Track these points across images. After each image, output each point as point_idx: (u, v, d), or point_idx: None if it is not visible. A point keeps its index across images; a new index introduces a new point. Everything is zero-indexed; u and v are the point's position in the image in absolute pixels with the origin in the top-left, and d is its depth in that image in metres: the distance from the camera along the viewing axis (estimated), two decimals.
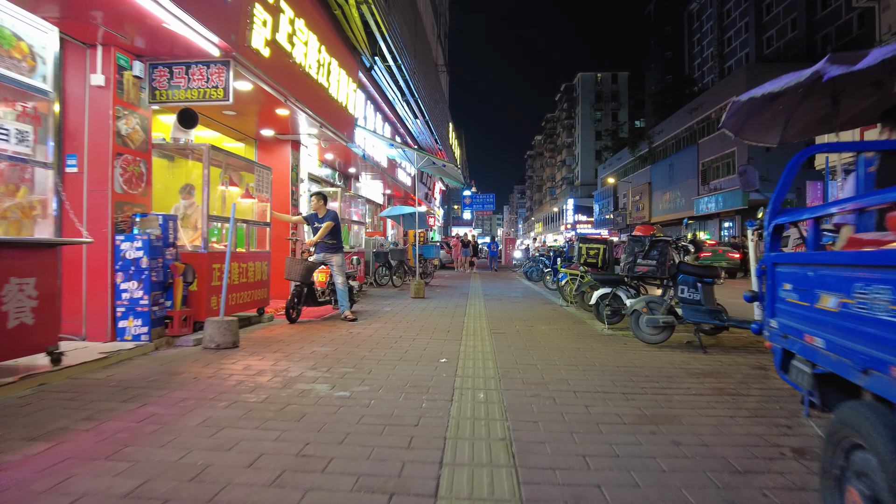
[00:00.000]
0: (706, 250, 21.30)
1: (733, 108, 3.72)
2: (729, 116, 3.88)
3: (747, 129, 4.13)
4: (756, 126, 4.09)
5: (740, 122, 3.99)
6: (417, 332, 6.13)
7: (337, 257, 7.22)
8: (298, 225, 7.99)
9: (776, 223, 2.57)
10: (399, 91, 12.00)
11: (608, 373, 4.28)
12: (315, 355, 4.81)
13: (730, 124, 4.04)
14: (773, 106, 3.61)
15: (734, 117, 3.87)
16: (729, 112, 3.81)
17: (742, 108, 3.64)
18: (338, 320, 7.06)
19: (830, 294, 1.92)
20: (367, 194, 15.67)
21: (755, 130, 4.19)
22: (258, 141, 9.07)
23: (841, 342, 1.79)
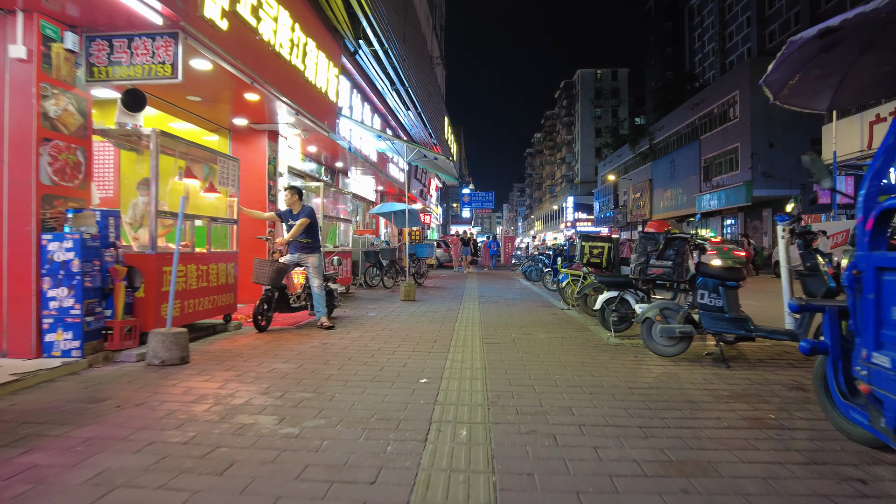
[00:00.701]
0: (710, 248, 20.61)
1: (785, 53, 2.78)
2: (775, 67, 2.94)
3: (792, 90, 3.25)
4: (803, 85, 3.18)
5: (785, 79, 3.07)
6: (400, 343, 5.42)
7: (313, 258, 6.50)
8: (277, 223, 7.29)
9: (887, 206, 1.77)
10: (388, 80, 11.27)
11: (620, 397, 3.57)
12: (273, 374, 4.10)
13: (772, 80, 3.09)
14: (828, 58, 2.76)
15: (781, 69, 2.97)
16: (777, 61, 2.89)
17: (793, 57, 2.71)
18: (313, 328, 6.35)
19: None
20: (357, 190, 14.95)
21: (801, 91, 3.31)
22: (232, 132, 8.34)
23: None
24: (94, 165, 5.38)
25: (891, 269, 1.75)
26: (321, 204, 8.98)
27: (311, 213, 6.51)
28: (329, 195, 9.57)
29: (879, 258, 1.78)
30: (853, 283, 1.99)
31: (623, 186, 51.16)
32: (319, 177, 11.60)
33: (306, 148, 9.99)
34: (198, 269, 5.53)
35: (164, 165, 7.03)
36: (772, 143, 30.17)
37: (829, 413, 2.78)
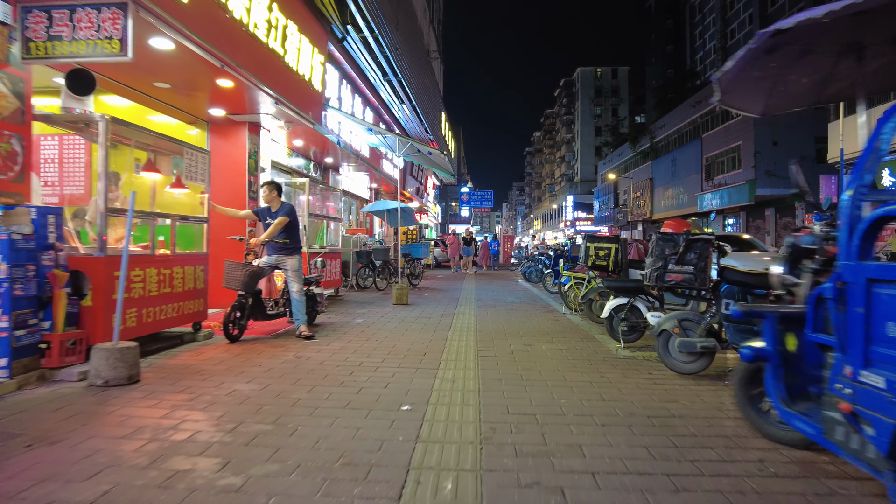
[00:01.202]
0: None
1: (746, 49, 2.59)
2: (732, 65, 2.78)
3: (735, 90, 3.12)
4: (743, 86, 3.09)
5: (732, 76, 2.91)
6: (385, 357, 4.84)
7: (292, 260, 5.91)
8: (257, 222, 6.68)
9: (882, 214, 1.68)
10: (380, 70, 10.68)
11: (638, 429, 2.99)
12: (232, 398, 3.51)
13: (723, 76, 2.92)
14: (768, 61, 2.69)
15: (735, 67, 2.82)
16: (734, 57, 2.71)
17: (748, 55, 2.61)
18: (291, 337, 5.76)
19: None
20: (349, 188, 14.35)
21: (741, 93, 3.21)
22: (210, 124, 7.75)
23: None
24: (37, 156, 4.80)
25: (886, 282, 1.62)
26: (306, 201, 8.39)
27: (290, 211, 5.93)
28: (316, 192, 8.99)
29: (873, 269, 1.66)
30: (836, 294, 1.89)
31: (623, 185, 50.62)
32: (308, 173, 11.01)
33: (292, 142, 9.40)
34: (159, 272, 4.94)
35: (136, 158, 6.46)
36: (775, 141, 29.63)
37: (750, 416, 2.91)
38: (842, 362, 1.86)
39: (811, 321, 2.24)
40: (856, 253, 1.82)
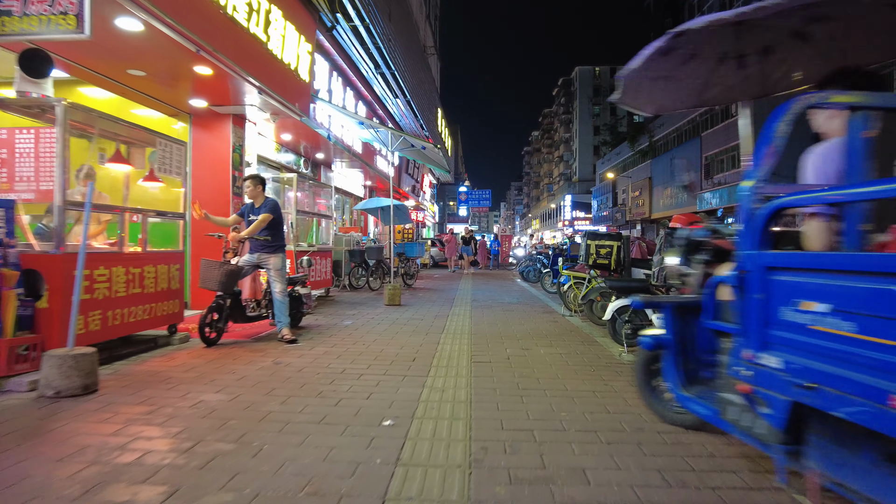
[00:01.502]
0: None
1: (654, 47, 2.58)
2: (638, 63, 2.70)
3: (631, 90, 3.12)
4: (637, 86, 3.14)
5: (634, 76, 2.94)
6: (371, 363, 4.48)
7: (275, 258, 5.56)
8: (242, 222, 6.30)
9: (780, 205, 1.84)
10: (372, 62, 10.31)
11: (648, 448, 2.64)
12: (196, 411, 3.16)
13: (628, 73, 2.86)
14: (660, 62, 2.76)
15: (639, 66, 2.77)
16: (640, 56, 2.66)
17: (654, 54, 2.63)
18: (272, 341, 5.40)
19: None
20: (342, 185, 13.99)
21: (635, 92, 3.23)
22: (193, 116, 7.39)
23: None
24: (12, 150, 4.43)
25: (782, 269, 1.76)
26: (294, 198, 8.03)
27: (274, 206, 5.57)
28: (305, 188, 8.62)
29: (771, 258, 1.81)
30: (738, 282, 1.98)
31: (622, 185, 50.36)
32: (298, 169, 10.64)
33: (280, 136, 9.03)
34: (128, 272, 4.58)
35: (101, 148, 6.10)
36: None
37: (649, 401, 3.11)
38: (741, 346, 1.95)
39: (708, 309, 2.35)
40: (755, 243, 1.91)
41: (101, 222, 5.53)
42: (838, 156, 2.01)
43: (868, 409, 1.38)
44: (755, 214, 1.93)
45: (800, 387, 1.64)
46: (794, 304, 1.71)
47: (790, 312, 1.73)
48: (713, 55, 3.00)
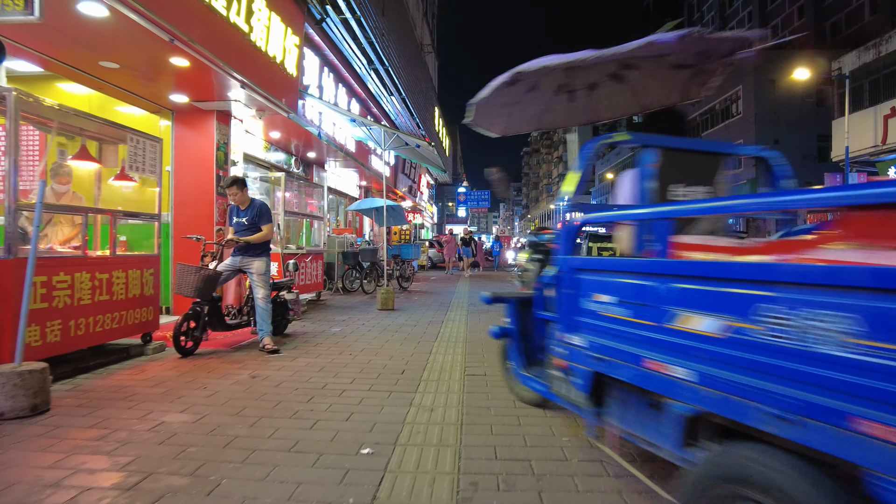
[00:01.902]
0: None
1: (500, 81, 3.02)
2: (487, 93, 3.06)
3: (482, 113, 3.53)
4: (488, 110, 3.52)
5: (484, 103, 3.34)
6: (356, 376, 4.14)
7: (258, 263, 5.22)
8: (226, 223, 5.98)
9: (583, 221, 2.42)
10: (365, 57, 9.97)
11: (664, 483, 2.30)
12: (153, 436, 2.82)
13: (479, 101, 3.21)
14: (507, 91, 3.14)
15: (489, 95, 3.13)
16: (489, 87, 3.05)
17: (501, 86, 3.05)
18: (253, 350, 5.06)
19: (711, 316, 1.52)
20: (335, 185, 13.64)
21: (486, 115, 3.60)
22: (175, 113, 7.05)
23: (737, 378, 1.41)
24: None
25: (585, 270, 2.20)
26: (282, 198, 7.68)
27: (266, 211, 5.26)
28: (294, 188, 8.27)
29: (576, 262, 2.27)
30: (553, 280, 2.44)
31: None
32: (290, 168, 10.30)
33: (269, 134, 8.68)
34: (94, 277, 4.23)
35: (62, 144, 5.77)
36: (777, 139, 29.07)
37: (510, 383, 3.56)
38: (558, 330, 2.35)
39: (539, 302, 2.79)
40: (567, 249, 2.34)
41: (75, 225, 5.21)
42: (630, 182, 2.53)
43: (634, 371, 1.84)
44: (568, 227, 2.38)
45: (596, 359, 2.09)
46: (591, 296, 2.14)
47: (588, 302, 2.17)
48: (550, 87, 3.47)
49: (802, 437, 1.24)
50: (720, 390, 1.47)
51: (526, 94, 3.46)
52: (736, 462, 1.37)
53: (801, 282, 1.27)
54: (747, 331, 1.41)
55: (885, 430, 1.07)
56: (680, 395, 1.62)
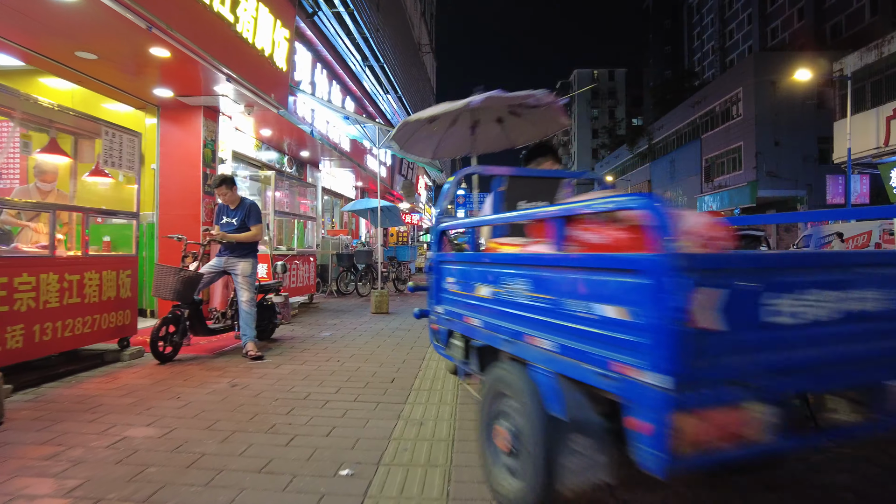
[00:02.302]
0: None
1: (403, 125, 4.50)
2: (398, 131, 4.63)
3: (411, 144, 4.91)
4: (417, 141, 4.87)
5: (406, 137, 4.76)
6: (342, 385, 3.87)
7: (244, 264, 4.96)
8: None
9: (442, 229, 3.18)
10: (359, 53, 9.72)
11: None
12: (112, 453, 2.54)
13: (398, 136, 4.72)
14: (430, 127, 4.47)
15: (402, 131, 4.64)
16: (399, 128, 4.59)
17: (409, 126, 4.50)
18: (236, 356, 4.79)
19: (484, 285, 2.38)
20: (330, 185, 13.37)
21: (416, 144, 4.97)
22: (160, 108, 6.79)
23: (493, 321, 2.26)
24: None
25: (445, 262, 2.97)
26: (272, 197, 7.42)
27: (256, 211, 5.01)
28: (285, 187, 8.00)
29: (440, 256, 3.06)
30: (428, 270, 3.26)
31: (621, 188, 49.92)
32: (282, 168, 10.03)
33: (260, 132, 8.42)
34: (62, 279, 3.96)
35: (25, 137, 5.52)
36: (777, 141, 28.87)
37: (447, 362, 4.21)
38: (433, 303, 3.12)
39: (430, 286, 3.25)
40: (435, 247, 3.17)
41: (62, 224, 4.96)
42: (489, 200, 3.31)
43: (461, 325, 2.62)
44: (436, 231, 3.20)
45: (447, 320, 2.82)
46: (445, 278, 2.92)
47: (444, 283, 2.94)
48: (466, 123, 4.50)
49: (514, 350, 2.05)
50: (489, 329, 2.29)
51: (449, 129, 4.71)
52: (497, 372, 2.16)
53: (514, 263, 2.14)
54: (497, 293, 2.24)
55: (536, 340, 1.89)
56: (476, 336, 2.49)
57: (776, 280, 1.50)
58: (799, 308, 1.52)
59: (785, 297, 1.51)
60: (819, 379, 1.57)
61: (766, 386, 1.46)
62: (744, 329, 1.45)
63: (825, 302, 1.55)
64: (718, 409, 1.41)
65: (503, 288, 2.16)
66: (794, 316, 1.51)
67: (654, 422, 1.36)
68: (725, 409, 1.42)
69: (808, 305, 1.53)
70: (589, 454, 1.66)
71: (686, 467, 1.39)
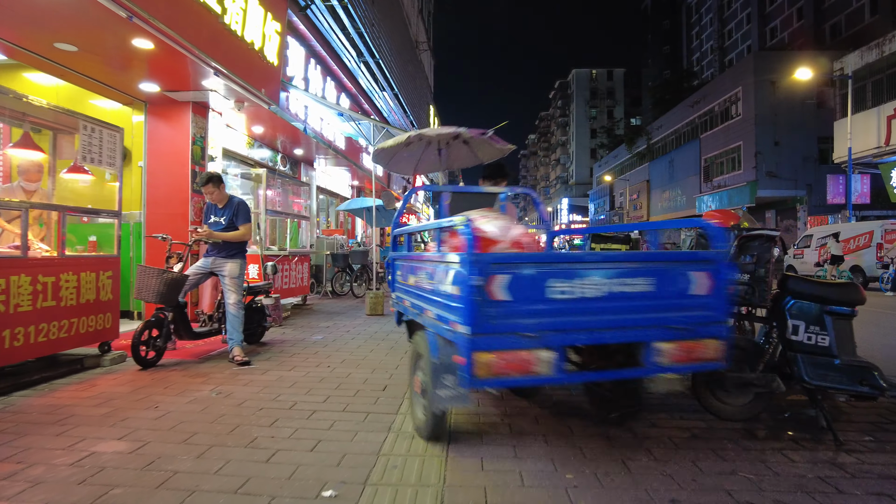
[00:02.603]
0: None
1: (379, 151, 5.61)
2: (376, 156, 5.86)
3: (393, 164, 6.04)
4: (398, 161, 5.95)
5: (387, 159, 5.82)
6: (331, 393, 3.67)
7: (231, 265, 4.76)
8: None
9: (397, 233, 3.88)
10: (354, 49, 9.51)
11: None
12: (76, 472, 2.34)
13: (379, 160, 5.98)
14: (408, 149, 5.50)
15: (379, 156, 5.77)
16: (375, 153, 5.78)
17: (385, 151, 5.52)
18: (223, 362, 4.58)
19: (412, 275, 3.10)
20: (326, 185, 13.17)
21: (398, 164, 6.05)
22: (148, 104, 6.58)
23: (413, 301, 3.01)
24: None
25: (396, 258, 3.67)
26: (263, 196, 7.21)
27: (245, 210, 4.81)
28: (277, 185, 7.79)
29: (394, 255, 3.75)
30: (388, 265, 3.97)
31: (619, 187, 49.74)
32: (275, 166, 9.82)
33: (251, 129, 8.21)
34: (35, 281, 3.75)
35: None
36: (777, 141, 28.70)
37: None
38: (391, 290, 3.77)
39: None
40: (393, 247, 3.96)
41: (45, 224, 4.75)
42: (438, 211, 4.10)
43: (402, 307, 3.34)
44: (392, 236, 3.99)
45: (398, 304, 3.47)
46: (397, 272, 3.62)
47: (397, 275, 3.61)
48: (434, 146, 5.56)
49: (420, 321, 2.77)
50: (414, 308, 2.93)
51: (423, 151, 5.65)
52: (415, 338, 2.91)
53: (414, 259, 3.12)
54: (418, 281, 2.89)
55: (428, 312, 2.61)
56: (406, 313, 3.19)
57: (546, 270, 2.22)
58: (566, 288, 2.23)
59: (554, 281, 2.22)
60: (589, 336, 2.27)
61: (544, 338, 2.17)
62: (525, 301, 2.18)
63: (587, 285, 2.25)
64: (508, 351, 2.15)
65: (416, 277, 2.99)
66: (563, 293, 2.23)
67: (465, 356, 2.13)
68: (513, 351, 2.15)
69: (573, 287, 2.24)
70: (453, 387, 2.31)
71: (486, 386, 2.19)
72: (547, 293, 2.20)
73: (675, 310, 2.34)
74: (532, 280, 2.18)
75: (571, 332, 2.22)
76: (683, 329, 2.33)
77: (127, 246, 6.56)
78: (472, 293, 2.08)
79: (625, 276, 2.28)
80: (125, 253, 6.42)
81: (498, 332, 2.12)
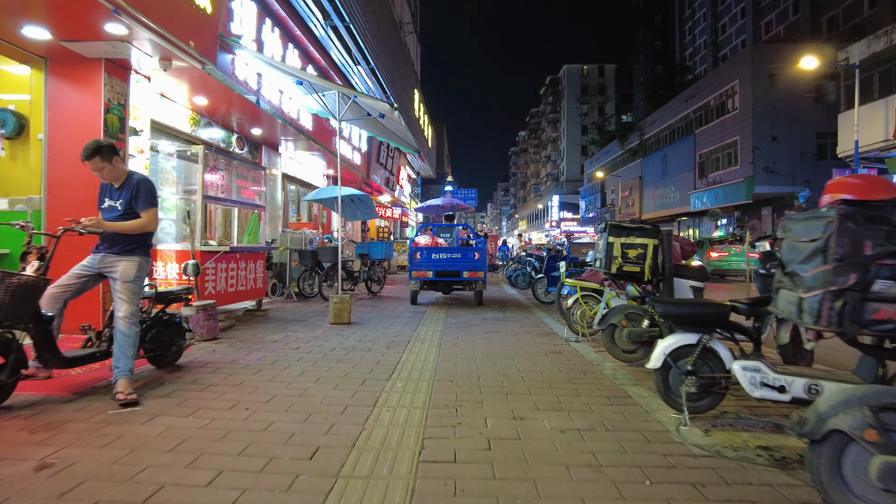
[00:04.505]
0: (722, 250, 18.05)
1: None
2: None
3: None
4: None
5: None
6: (231, 460, 2.38)
7: (125, 265, 3.46)
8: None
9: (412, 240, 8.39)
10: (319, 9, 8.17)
11: None
12: None
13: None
14: None
15: None
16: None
17: None
18: (102, 400, 3.27)
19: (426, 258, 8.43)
20: (296, 173, 11.82)
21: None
22: (48, 61, 5.23)
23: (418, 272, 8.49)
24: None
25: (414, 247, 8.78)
26: (201, 178, 5.85)
27: (148, 191, 3.52)
28: (219, 166, 6.44)
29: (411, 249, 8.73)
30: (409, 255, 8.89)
31: (611, 184, 48.83)
32: (231, 149, 8.46)
33: (194, 100, 6.85)
34: None
35: None
36: (774, 136, 27.82)
37: None
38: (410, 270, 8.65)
39: None
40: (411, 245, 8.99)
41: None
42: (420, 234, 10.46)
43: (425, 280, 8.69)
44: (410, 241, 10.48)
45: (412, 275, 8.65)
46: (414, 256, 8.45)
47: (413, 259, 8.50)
48: None
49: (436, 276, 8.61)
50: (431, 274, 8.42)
51: None
52: None
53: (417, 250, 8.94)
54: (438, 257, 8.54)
55: None
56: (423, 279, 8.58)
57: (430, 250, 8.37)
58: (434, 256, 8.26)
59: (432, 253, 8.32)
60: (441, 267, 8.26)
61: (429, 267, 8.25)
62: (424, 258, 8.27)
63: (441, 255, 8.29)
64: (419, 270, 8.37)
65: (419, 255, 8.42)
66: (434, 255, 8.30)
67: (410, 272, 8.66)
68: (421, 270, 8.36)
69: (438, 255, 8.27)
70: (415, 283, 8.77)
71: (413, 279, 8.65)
72: (430, 256, 8.20)
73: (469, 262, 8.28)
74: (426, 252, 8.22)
75: (435, 267, 8.17)
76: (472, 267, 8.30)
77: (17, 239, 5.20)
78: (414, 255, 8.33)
79: (451, 252, 8.38)
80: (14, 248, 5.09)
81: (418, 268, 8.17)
